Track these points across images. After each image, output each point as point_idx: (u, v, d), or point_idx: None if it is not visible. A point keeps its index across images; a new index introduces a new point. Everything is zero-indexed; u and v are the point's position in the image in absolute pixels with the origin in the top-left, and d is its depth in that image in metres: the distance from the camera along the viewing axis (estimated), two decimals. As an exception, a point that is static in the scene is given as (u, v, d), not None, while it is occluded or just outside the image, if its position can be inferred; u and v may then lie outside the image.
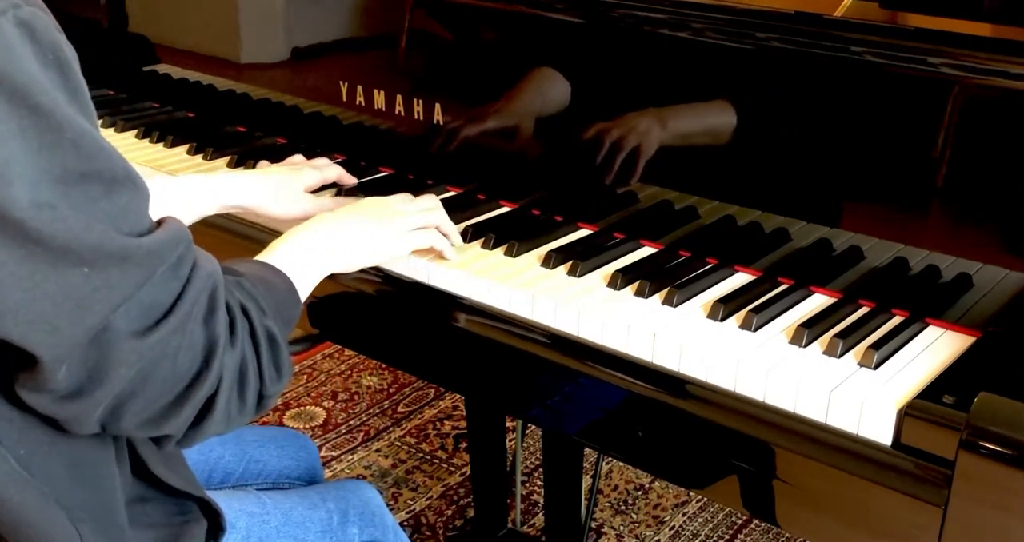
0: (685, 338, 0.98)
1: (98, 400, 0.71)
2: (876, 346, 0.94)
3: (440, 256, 1.13)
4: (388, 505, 1.16)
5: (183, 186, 1.16)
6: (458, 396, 2.46)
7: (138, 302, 0.70)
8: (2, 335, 0.67)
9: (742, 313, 1.02)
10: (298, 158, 1.32)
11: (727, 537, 2.01)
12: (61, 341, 0.67)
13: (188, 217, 1.15)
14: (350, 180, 1.33)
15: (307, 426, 2.36)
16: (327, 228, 1.02)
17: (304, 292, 0.95)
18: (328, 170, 1.29)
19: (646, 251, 1.19)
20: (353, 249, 1.04)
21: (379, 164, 1.43)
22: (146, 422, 0.75)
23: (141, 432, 0.76)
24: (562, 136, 1.22)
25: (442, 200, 1.30)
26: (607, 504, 2.10)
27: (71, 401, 0.70)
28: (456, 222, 1.18)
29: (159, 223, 0.74)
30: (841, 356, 0.95)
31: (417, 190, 1.34)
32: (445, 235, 1.12)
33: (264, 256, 0.95)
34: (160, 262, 0.71)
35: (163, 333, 0.71)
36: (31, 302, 0.65)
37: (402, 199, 1.12)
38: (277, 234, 1.24)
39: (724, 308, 1.02)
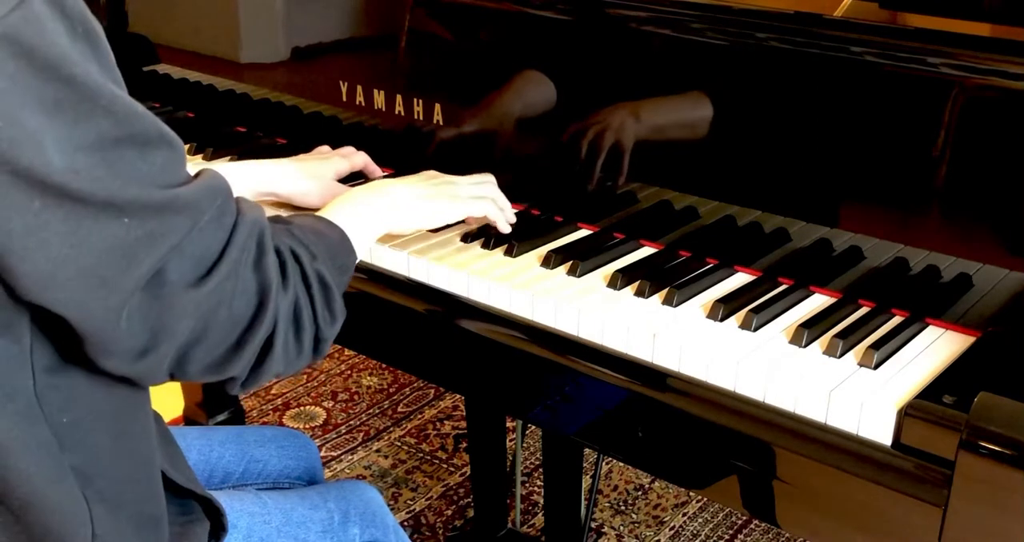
0: (685, 338, 0.98)
1: (165, 353, 0.74)
2: (876, 346, 0.94)
3: (496, 230, 1.16)
4: (388, 505, 1.16)
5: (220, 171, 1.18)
6: (458, 396, 2.46)
7: (189, 254, 0.72)
8: (52, 300, 0.69)
9: (742, 313, 1.02)
10: (325, 148, 1.35)
11: (727, 537, 2.01)
12: (111, 294, 0.69)
13: None
14: (377, 170, 1.35)
15: (307, 426, 2.36)
16: (385, 188, 1.06)
17: (361, 244, 0.97)
18: (355, 157, 1.32)
19: (646, 251, 1.19)
20: (409, 207, 1.07)
21: (379, 164, 1.43)
22: (210, 366, 0.78)
23: (207, 376, 0.79)
24: (563, 136, 1.22)
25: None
26: (607, 504, 2.10)
27: (144, 358, 0.73)
28: (456, 222, 1.18)
29: (197, 176, 0.76)
30: (841, 356, 0.95)
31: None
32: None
33: (320, 213, 0.98)
34: (200, 212, 0.73)
35: (217, 280, 0.74)
36: (78, 257, 0.67)
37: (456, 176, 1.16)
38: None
39: (724, 308, 1.02)
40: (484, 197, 1.13)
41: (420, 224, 1.10)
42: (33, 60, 0.63)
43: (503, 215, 1.15)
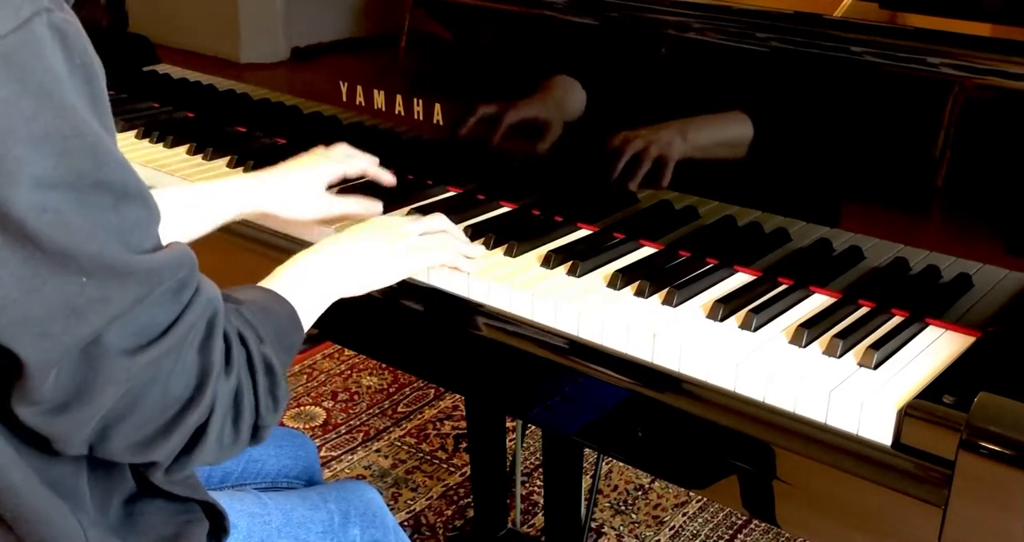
0: (685, 338, 0.98)
1: (85, 418, 0.70)
2: (876, 346, 0.94)
3: (456, 269, 1.12)
4: (388, 505, 1.16)
5: (200, 193, 1.15)
6: (458, 396, 2.46)
7: (133, 320, 0.69)
8: None
9: (742, 313, 1.02)
10: (320, 150, 1.27)
11: (727, 537, 2.01)
12: (49, 348, 0.67)
13: (207, 224, 1.14)
14: (387, 178, 1.28)
15: (307, 426, 2.36)
16: (333, 253, 1.01)
17: (308, 319, 0.93)
18: (351, 163, 1.25)
19: (646, 251, 1.19)
20: (360, 273, 1.02)
21: (379, 164, 1.43)
22: (135, 446, 0.74)
23: (129, 457, 0.76)
24: (562, 137, 1.22)
25: (442, 200, 1.31)
26: (607, 504, 2.10)
27: (58, 416, 0.70)
28: (456, 222, 1.17)
29: (167, 246, 0.73)
30: (841, 356, 0.95)
31: (417, 190, 1.34)
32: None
33: (268, 282, 0.94)
34: (160, 282, 0.70)
35: (154, 354, 0.70)
36: (27, 304, 0.65)
37: (410, 219, 1.11)
38: (288, 238, 1.24)
39: (724, 308, 1.02)
40: (438, 247, 1.09)
41: (372, 287, 1.05)
42: (27, 84, 0.62)
43: (461, 259, 1.11)
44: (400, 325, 1.21)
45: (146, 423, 0.73)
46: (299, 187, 1.19)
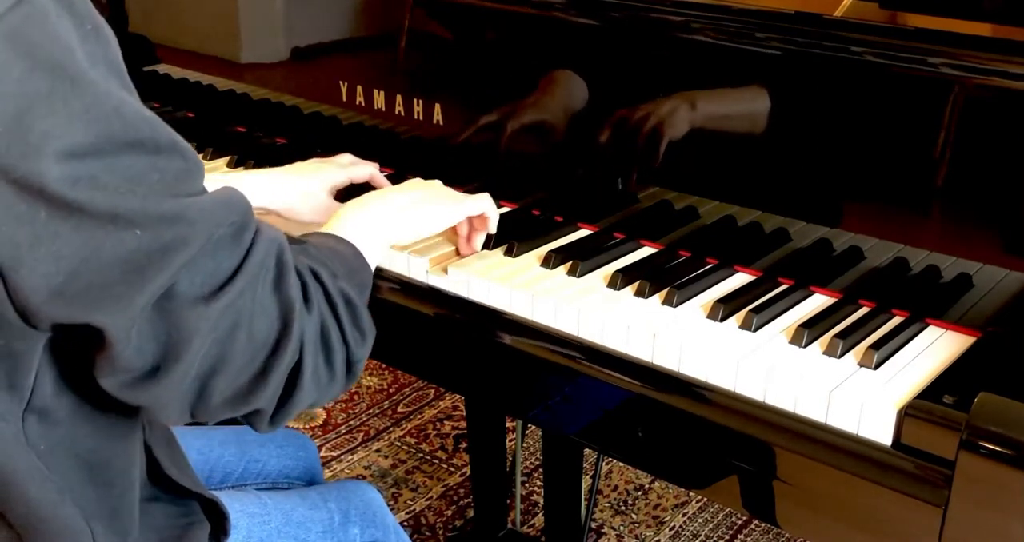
0: (685, 338, 0.98)
1: (178, 378, 0.69)
2: (876, 346, 0.94)
3: (464, 250, 1.14)
4: (388, 505, 1.16)
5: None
6: (458, 396, 2.46)
7: (199, 269, 0.68)
8: (62, 315, 0.66)
9: (742, 313, 1.02)
10: (338, 159, 1.27)
11: (727, 537, 2.01)
12: (123, 308, 0.66)
13: None
14: (385, 183, 1.28)
15: (307, 426, 2.36)
16: (380, 201, 1.02)
17: (372, 258, 0.94)
18: (357, 169, 1.24)
19: (646, 251, 1.19)
20: (412, 212, 1.03)
21: (379, 164, 1.43)
22: (234, 398, 0.73)
23: (232, 410, 0.75)
24: (562, 137, 1.22)
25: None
26: (607, 504, 2.10)
27: (151, 381, 0.69)
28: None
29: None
30: (841, 356, 0.95)
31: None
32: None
33: (326, 229, 0.94)
34: (216, 225, 0.69)
35: (230, 298, 0.69)
36: (90, 271, 0.64)
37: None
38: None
39: (724, 308, 1.02)
40: (478, 196, 1.10)
41: (422, 229, 1.06)
42: (38, 59, 0.61)
43: (497, 215, 1.12)
44: (399, 325, 1.21)
45: (240, 372, 0.72)
46: (305, 189, 1.18)
